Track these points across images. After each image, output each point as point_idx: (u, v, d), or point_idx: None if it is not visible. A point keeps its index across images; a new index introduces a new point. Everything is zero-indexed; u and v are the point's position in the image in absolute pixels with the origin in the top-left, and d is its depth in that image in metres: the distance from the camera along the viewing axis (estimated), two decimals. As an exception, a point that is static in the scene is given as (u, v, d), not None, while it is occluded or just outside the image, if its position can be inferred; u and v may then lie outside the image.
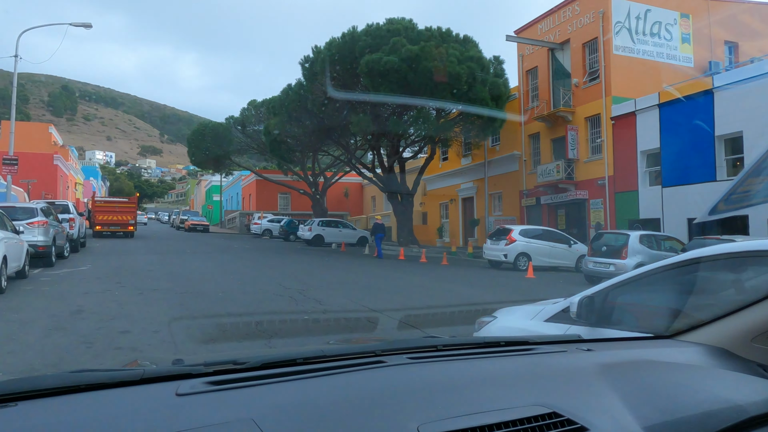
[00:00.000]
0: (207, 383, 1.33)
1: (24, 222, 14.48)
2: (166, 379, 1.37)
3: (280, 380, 1.39)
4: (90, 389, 1.28)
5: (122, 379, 1.33)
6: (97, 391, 1.28)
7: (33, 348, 6.27)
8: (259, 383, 1.36)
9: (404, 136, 28.27)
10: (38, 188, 41.53)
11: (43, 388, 1.25)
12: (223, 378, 1.38)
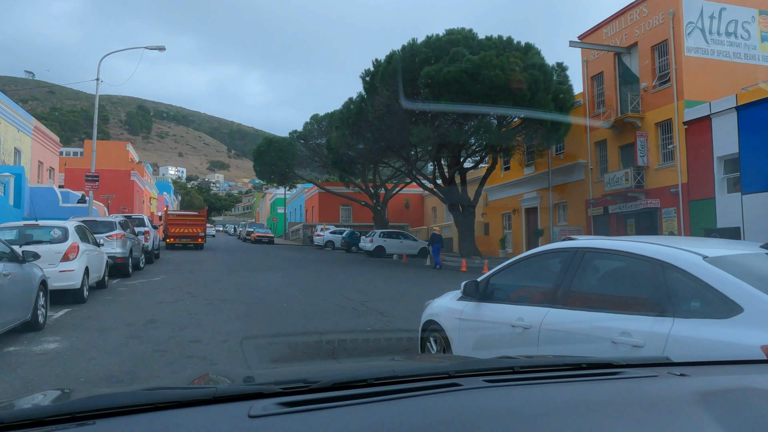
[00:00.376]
0: (279, 404, 1.32)
1: (104, 235, 15.36)
2: (238, 399, 1.37)
3: (352, 403, 1.36)
4: (164, 408, 1.30)
5: (195, 398, 1.35)
6: (171, 410, 1.30)
7: (111, 355, 6.59)
8: (331, 406, 1.34)
9: (465, 146, 28.04)
10: (117, 203, 43.98)
11: (120, 406, 1.28)
12: (295, 399, 1.36)
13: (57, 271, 10.24)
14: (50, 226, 11.50)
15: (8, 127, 28.79)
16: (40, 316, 8.09)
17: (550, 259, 4.53)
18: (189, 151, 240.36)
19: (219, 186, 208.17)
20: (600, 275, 4.11)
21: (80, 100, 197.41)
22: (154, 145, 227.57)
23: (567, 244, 4.34)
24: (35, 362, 6.22)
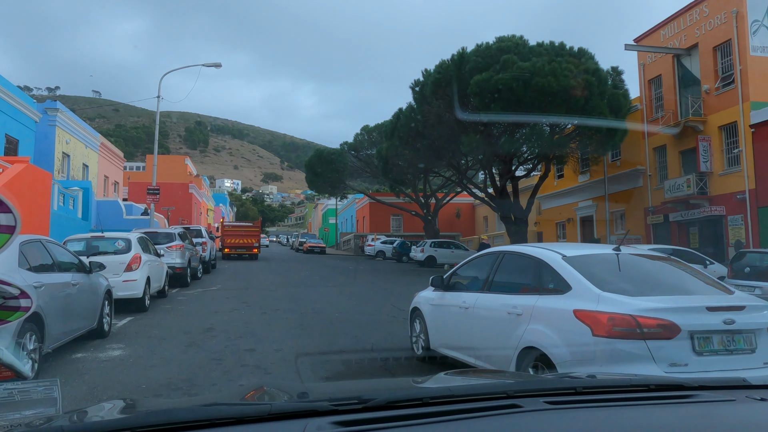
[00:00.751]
0: (333, 423, 1.31)
1: (164, 246, 15.95)
2: (293, 416, 1.37)
3: (407, 423, 1.33)
4: (221, 425, 1.31)
5: (251, 415, 1.36)
6: (227, 426, 1.31)
7: (171, 363, 6.81)
8: (385, 426, 1.32)
9: (517, 155, 27.61)
10: (176, 214, 45.64)
11: (178, 422, 1.30)
12: (350, 418, 1.35)
13: (121, 281, 10.71)
14: (115, 237, 12.05)
15: (77, 144, 30.44)
16: (106, 324, 8.46)
17: (485, 260, 6.31)
18: (244, 164, 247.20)
19: (272, 197, 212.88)
20: (508, 270, 5.82)
21: (142, 117, 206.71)
22: (211, 159, 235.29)
23: (492, 249, 6.60)
24: (100, 368, 6.50)
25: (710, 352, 4.18)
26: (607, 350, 4.15)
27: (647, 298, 4.40)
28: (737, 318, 4.24)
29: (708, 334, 4.18)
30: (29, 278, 6.01)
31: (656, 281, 4.97)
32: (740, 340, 4.28)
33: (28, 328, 5.69)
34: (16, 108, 23.84)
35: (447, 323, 6.38)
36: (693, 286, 4.92)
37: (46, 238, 7.49)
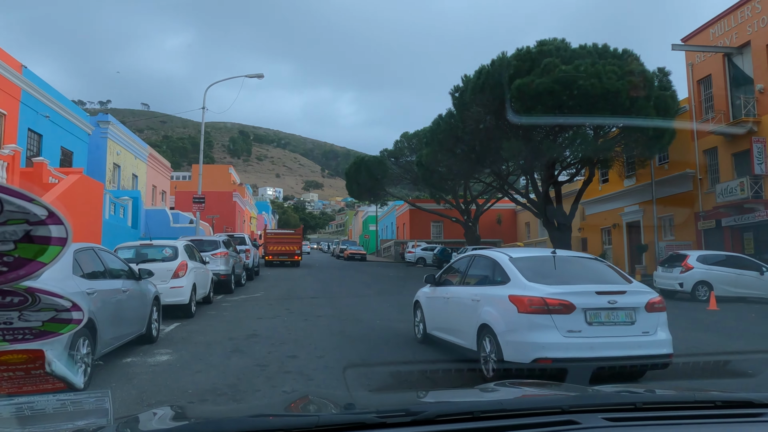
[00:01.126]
0: None
1: (209, 253, 16.31)
2: (340, 429, 1.35)
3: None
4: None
5: (298, 427, 1.35)
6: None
7: (216, 368, 6.93)
8: None
9: (560, 159, 27.11)
10: (220, 222, 46.68)
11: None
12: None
13: (168, 288, 11.00)
14: (162, 245, 12.40)
15: (127, 155, 31.55)
16: (154, 330, 8.70)
17: (463, 261, 8.37)
18: (285, 172, 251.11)
19: (313, 205, 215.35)
20: (476, 268, 7.60)
21: (188, 127, 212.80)
22: (254, 167, 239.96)
23: (468, 253, 9.12)
24: (149, 373, 6.67)
25: (598, 323, 5.87)
26: (526, 322, 5.84)
27: (556, 286, 6.05)
28: (619, 299, 5.95)
29: (596, 310, 5.87)
30: (82, 285, 6.24)
31: (571, 275, 6.54)
32: (622, 315, 5.95)
33: (81, 333, 5.90)
34: (71, 122, 24.91)
35: (436, 311, 8.23)
36: (598, 278, 6.54)
37: (99, 246, 7.77)
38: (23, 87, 20.62)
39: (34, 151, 21.71)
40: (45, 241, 1.26)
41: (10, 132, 19.75)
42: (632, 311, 5.98)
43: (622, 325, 5.93)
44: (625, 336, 5.89)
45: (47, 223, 1.23)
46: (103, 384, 6.14)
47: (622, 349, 5.81)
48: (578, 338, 5.73)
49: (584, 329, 5.78)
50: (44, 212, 1.20)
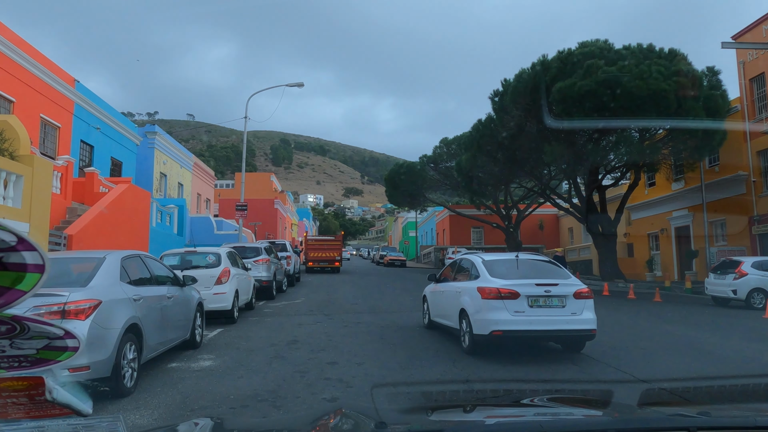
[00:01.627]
0: None
1: (251, 260, 16.57)
2: None
3: None
4: None
5: None
6: None
7: (257, 374, 7.02)
8: None
9: (603, 163, 26.46)
10: (263, 229, 47.46)
11: None
12: None
13: (211, 294, 11.22)
14: (206, 252, 12.67)
15: (173, 164, 32.47)
16: (197, 336, 8.87)
17: (453, 263, 10.51)
18: (326, 179, 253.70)
19: (353, 211, 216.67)
20: (461, 268, 9.76)
21: (232, 137, 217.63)
22: (295, 175, 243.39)
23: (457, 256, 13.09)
24: (193, 378, 6.80)
25: (537, 306, 7.96)
26: (486, 305, 8.02)
27: (509, 280, 8.23)
28: (553, 289, 8.05)
29: (536, 297, 7.99)
30: (129, 291, 6.42)
31: (524, 272, 8.55)
32: (555, 300, 8.02)
33: (128, 339, 6.07)
34: (121, 133, 25.82)
35: (436, 302, 10.55)
36: (544, 274, 8.62)
37: (145, 254, 7.99)
38: (76, 100, 21.51)
39: (86, 162, 22.59)
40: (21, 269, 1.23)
41: (64, 143, 20.62)
42: (564, 298, 8.10)
43: (556, 308, 8.05)
44: (557, 315, 8.01)
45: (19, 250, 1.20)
46: (148, 388, 6.30)
47: (554, 324, 8.01)
48: (522, 317, 7.92)
49: (527, 310, 7.95)
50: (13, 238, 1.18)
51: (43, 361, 1.50)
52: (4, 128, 11.30)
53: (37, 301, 5.36)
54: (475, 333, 8.10)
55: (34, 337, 1.43)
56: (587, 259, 37.01)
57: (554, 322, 7.98)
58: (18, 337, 1.41)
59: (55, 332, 1.46)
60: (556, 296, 8.03)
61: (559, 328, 8.01)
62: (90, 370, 5.40)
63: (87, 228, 14.74)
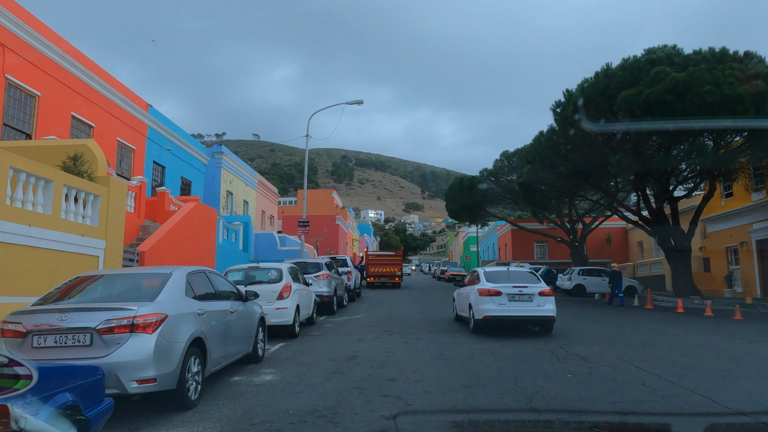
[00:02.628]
0: None
1: (312, 275, 16.81)
2: None
3: None
4: None
5: None
6: None
7: (316, 389, 7.04)
8: None
9: (674, 173, 25.25)
10: (324, 245, 48.17)
11: None
12: None
13: (273, 309, 11.43)
14: (268, 267, 12.94)
15: (239, 182, 33.60)
16: (260, 350, 9.03)
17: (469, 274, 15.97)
18: (386, 195, 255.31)
19: (414, 226, 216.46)
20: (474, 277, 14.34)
21: (295, 155, 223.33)
22: (356, 191, 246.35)
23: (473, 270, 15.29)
24: (254, 392, 6.91)
25: (514, 301, 12.16)
26: (482, 300, 12.27)
27: (497, 284, 12.43)
28: (524, 290, 12.24)
29: (513, 294, 12.21)
30: (194, 306, 6.62)
31: (510, 279, 12.72)
32: (526, 297, 12.19)
33: (192, 353, 6.24)
34: (190, 153, 27.00)
35: (458, 301, 15.09)
36: (522, 280, 12.70)
37: (209, 269, 8.24)
38: (149, 124, 22.70)
39: (158, 182, 23.73)
40: (15, 377, 1.69)
41: (138, 165, 21.76)
42: (532, 295, 12.29)
43: (526, 302, 12.28)
44: (526, 306, 12.27)
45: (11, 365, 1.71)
46: (211, 401, 6.45)
47: (524, 312, 12.26)
48: (503, 307, 12.18)
49: (506, 303, 12.21)
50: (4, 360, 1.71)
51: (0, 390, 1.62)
52: (84, 152, 12.04)
53: (109, 314, 5.61)
54: (475, 318, 12.54)
55: None
56: (659, 274, 35.27)
57: (524, 310, 12.30)
58: None
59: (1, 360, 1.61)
60: (527, 294, 12.33)
61: (527, 315, 12.35)
62: (156, 382, 5.59)
63: (158, 245, 15.42)
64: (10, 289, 8.72)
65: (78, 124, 17.80)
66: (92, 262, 11.21)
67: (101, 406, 4.26)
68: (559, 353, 9.87)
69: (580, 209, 40.24)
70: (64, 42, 16.85)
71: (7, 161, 8.90)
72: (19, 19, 14.59)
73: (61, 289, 6.62)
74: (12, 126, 14.75)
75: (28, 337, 5.58)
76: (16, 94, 14.94)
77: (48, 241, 9.78)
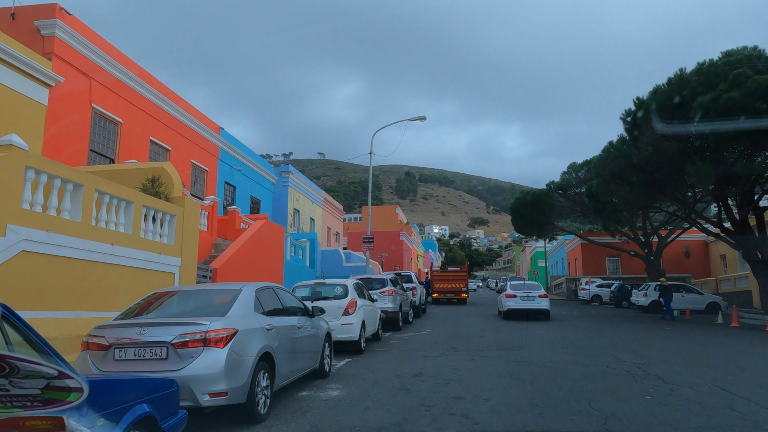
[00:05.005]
0: None
1: (378, 291, 16.87)
2: None
3: None
4: None
5: None
6: None
7: (383, 406, 7.02)
8: None
9: (759, 181, 23.67)
10: (389, 261, 48.32)
11: None
12: None
13: (339, 324, 11.54)
14: (334, 284, 13.11)
15: (305, 200, 34.38)
16: (326, 365, 9.13)
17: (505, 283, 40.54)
18: (450, 210, 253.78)
19: (479, 241, 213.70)
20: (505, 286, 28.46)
21: (359, 172, 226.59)
22: (420, 207, 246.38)
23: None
24: (321, 407, 6.98)
25: (523, 300, 21.78)
26: (505, 300, 22.18)
27: (515, 290, 22.39)
28: (529, 293, 22.05)
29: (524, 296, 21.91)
30: (262, 321, 6.79)
31: (525, 288, 22.69)
32: (531, 298, 21.85)
33: (261, 367, 6.39)
34: (259, 173, 27.93)
35: (499, 301, 24.21)
36: (532, 288, 22.68)
37: (278, 285, 8.44)
38: (221, 146, 23.70)
39: (230, 201, 24.66)
40: (66, 390, 1.73)
41: (211, 185, 22.73)
42: (535, 297, 21.63)
43: (531, 300, 21.58)
44: (531, 303, 21.54)
45: (62, 378, 1.70)
46: (279, 416, 6.55)
47: (529, 306, 21.50)
48: (518, 303, 21.56)
49: (519, 302, 21.57)
50: (54, 372, 1.67)
51: (54, 402, 1.70)
52: (161, 174, 12.71)
53: (183, 329, 5.84)
54: (502, 310, 22.21)
55: (30, 375, 1.65)
56: (745, 289, 32.99)
57: (529, 305, 21.38)
58: (11, 375, 1.64)
59: (48, 372, 1.67)
60: (531, 296, 21.49)
61: (531, 308, 21.38)
62: (227, 395, 5.74)
63: (229, 261, 15.98)
64: (94, 304, 9.27)
65: (156, 147, 18.84)
66: (168, 278, 11.75)
67: (176, 418, 4.43)
68: (635, 373, 9.39)
69: (655, 221, 38.41)
70: (142, 70, 17.96)
71: (92, 185, 9.52)
72: (103, 52, 15.69)
73: (140, 304, 6.96)
74: (97, 151, 15.81)
75: (110, 350, 5.89)
76: (101, 121, 16.02)
77: (128, 258, 10.34)
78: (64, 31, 14.12)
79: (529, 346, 13.33)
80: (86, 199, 9.34)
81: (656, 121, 22.16)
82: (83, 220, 9.22)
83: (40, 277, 8.16)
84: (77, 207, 9.19)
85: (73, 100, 14.58)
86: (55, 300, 8.46)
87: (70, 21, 14.40)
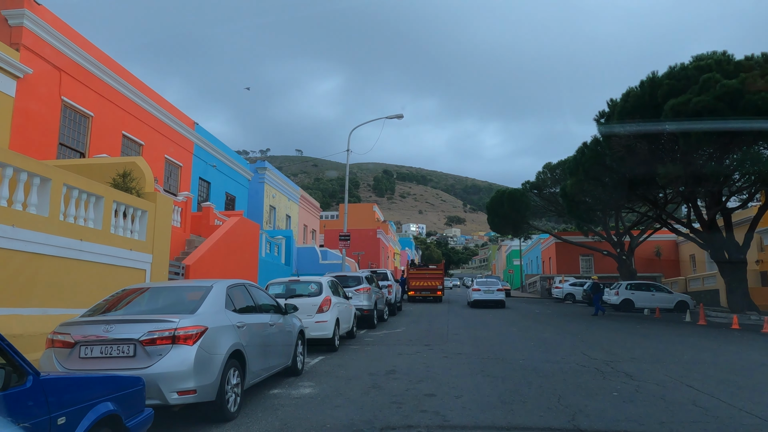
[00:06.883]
0: None
1: (353, 289, 16.85)
2: None
3: None
4: None
5: None
6: None
7: (354, 403, 7.02)
8: None
9: (727, 183, 24.27)
10: (365, 259, 48.30)
11: None
12: None
13: (313, 322, 11.50)
14: (308, 281, 13.05)
15: (281, 197, 34.15)
16: (299, 363, 9.09)
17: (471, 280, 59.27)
18: (428, 208, 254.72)
19: (456, 240, 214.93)
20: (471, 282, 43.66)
21: (337, 169, 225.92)
22: (397, 205, 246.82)
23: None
24: (292, 405, 6.94)
25: (485, 292, 29.57)
26: (471, 293, 30.06)
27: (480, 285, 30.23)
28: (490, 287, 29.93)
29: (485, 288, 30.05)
30: (233, 319, 6.73)
31: (487, 284, 30.41)
32: (491, 291, 29.71)
33: (232, 365, 6.33)
34: (234, 169, 27.65)
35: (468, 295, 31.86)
36: (495, 284, 30.48)
37: (250, 282, 8.37)
38: (195, 141, 23.40)
39: (204, 197, 24.36)
40: None
41: (185, 181, 22.43)
42: (494, 290, 29.55)
43: (491, 293, 29.38)
44: (491, 295, 29.32)
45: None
46: (250, 413, 6.51)
47: (490, 297, 29.16)
48: (481, 295, 29.27)
49: (483, 294, 29.30)
50: None
51: None
52: (133, 169, 12.49)
53: (152, 326, 5.76)
54: (470, 301, 29.83)
55: None
56: (713, 288, 33.84)
57: (490, 297, 29.13)
58: None
59: None
60: (491, 290, 29.38)
61: (491, 299, 29.09)
62: (196, 393, 5.68)
63: (203, 258, 15.80)
64: (61, 301, 9.08)
65: (128, 142, 18.51)
66: (139, 275, 11.57)
67: (141, 416, 4.36)
68: (604, 370, 9.55)
69: (628, 221, 39.12)
70: (115, 64, 17.62)
71: (61, 179, 9.32)
72: (74, 43, 15.34)
73: (109, 301, 6.84)
74: (67, 145, 15.47)
75: (76, 347, 5.78)
76: (71, 115, 15.68)
77: (98, 254, 10.15)
78: (32, 21, 13.77)
79: (503, 344, 13.47)
80: (54, 194, 9.13)
81: (628, 122, 22.57)
82: (51, 215, 9.02)
83: (4, 272, 7.96)
84: (44, 201, 8.98)
85: (42, 92, 14.24)
86: (20, 296, 8.26)
87: (39, 11, 14.06)
